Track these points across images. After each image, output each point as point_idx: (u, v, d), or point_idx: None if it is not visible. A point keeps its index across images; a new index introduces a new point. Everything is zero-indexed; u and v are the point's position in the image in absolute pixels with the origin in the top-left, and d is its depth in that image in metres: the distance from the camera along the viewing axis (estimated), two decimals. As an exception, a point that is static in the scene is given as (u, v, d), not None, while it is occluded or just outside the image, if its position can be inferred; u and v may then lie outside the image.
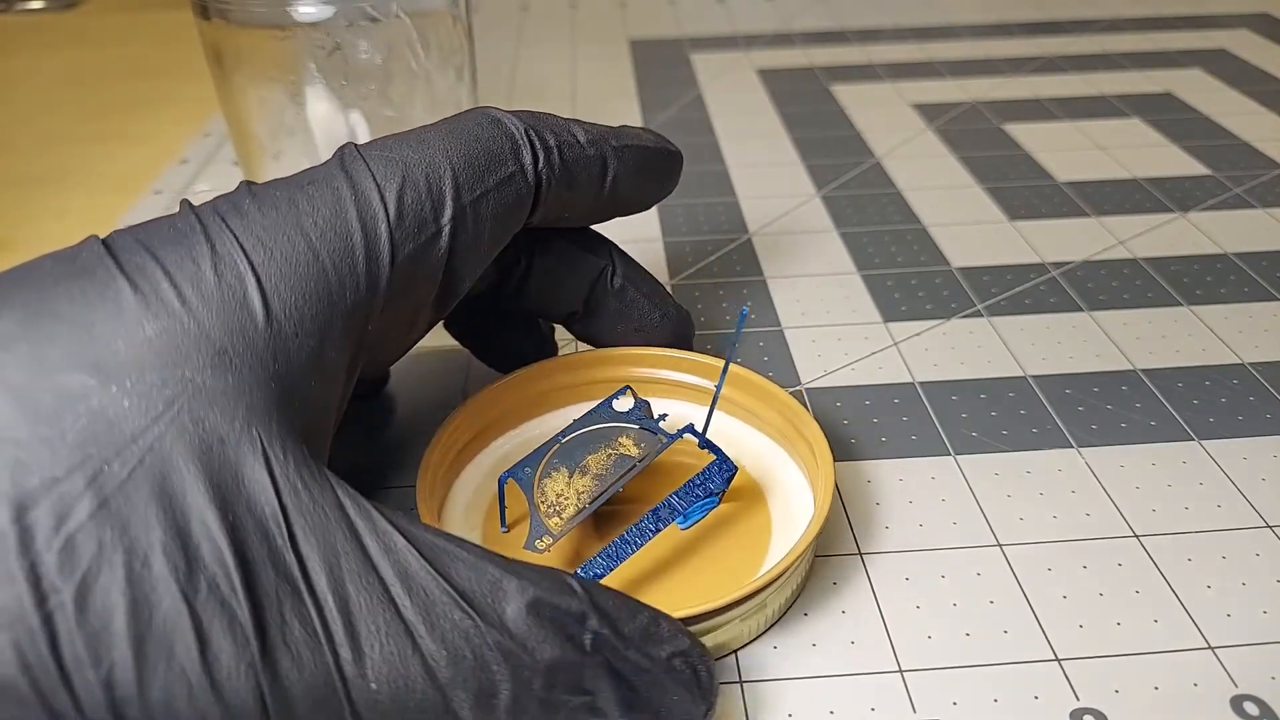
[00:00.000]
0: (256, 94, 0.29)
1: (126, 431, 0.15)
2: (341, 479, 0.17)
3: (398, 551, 0.16)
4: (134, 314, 0.16)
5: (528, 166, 0.21)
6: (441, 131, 0.21)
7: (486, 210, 0.20)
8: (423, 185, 0.19)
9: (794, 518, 0.23)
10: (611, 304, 0.25)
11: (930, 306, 0.32)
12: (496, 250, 0.21)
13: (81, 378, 0.15)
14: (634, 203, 0.25)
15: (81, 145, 0.46)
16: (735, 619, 0.20)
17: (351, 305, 0.18)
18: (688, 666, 0.18)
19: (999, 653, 0.21)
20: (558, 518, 0.21)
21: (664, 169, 0.25)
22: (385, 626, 0.15)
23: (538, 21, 0.61)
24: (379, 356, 0.21)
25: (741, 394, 0.25)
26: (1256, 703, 0.19)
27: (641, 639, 0.17)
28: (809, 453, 0.23)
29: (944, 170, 0.41)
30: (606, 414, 0.24)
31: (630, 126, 0.24)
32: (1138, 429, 0.27)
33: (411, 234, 0.19)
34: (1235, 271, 0.33)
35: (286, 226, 0.18)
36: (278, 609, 0.15)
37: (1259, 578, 0.22)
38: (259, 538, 0.15)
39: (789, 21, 0.60)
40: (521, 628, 0.16)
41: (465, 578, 0.16)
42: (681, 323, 0.27)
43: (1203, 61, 0.52)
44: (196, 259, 0.17)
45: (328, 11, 0.27)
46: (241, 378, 0.16)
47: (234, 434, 0.16)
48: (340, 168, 0.19)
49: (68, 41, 0.60)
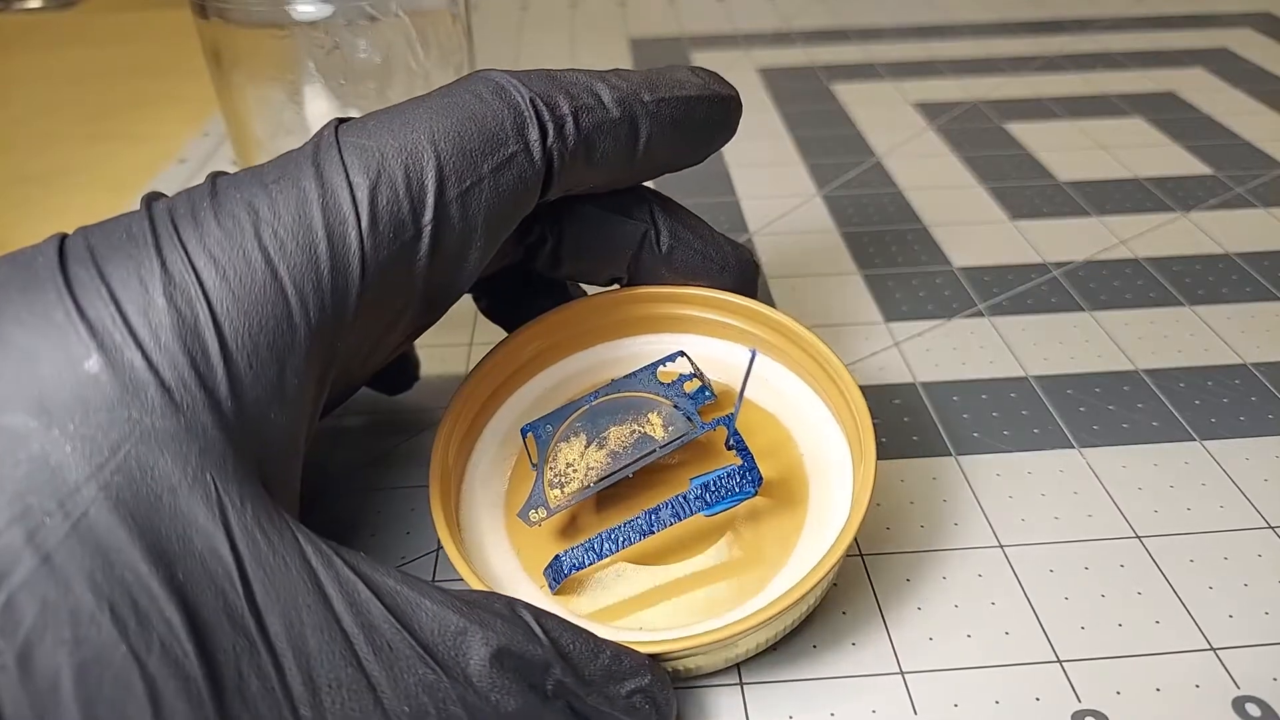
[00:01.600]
0: (255, 93, 0.29)
1: (70, 480, 0.14)
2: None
3: (361, 603, 0.15)
4: (80, 346, 0.15)
5: (534, 144, 0.19)
6: (431, 107, 0.18)
7: (479, 201, 0.18)
8: (400, 181, 0.17)
9: (830, 522, 0.21)
10: (660, 269, 0.23)
11: (931, 306, 0.32)
12: (498, 243, 0.19)
13: (24, 419, 0.14)
14: (676, 162, 0.22)
15: (80, 145, 0.46)
16: (720, 646, 0.19)
17: (316, 325, 0.17)
18: (648, 702, 0.18)
19: (1000, 654, 0.20)
20: (559, 490, 0.21)
21: (713, 119, 0.22)
22: (347, 682, 0.15)
23: (537, 20, 0.61)
24: (359, 368, 0.20)
25: (818, 370, 0.23)
26: (1258, 704, 0.19)
27: (603, 680, 0.17)
28: (860, 455, 0.21)
29: (945, 169, 0.41)
30: (648, 382, 0.22)
31: (676, 68, 0.22)
32: (1140, 429, 0.26)
33: (386, 240, 0.17)
34: (1237, 271, 0.33)
35: (243, 240, 0.16)
36: (234, 665, 0.14)
37: (1261, 578, 0.22)
38: (212, 593, 0.14)
39: (790, 20, 0.60)
40: (485, 681, 0.16)
41: (429, 629, 0.16)
42: (744, 268, 0.24)
43: (1205, 61, 0.52)
44: (145, 280, 0.15)
45: (326, 10, 0.27)
46: (194, 416, 0.15)
47: (185, 482, 0.15)
48: (312, 159, 0.17)
49: (66, 41, 0.60)
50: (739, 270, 0.24)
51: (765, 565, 0.21)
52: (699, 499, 0.20)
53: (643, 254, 0.23)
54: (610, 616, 0.20)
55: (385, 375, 0.26)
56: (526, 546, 0.21)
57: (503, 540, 0.22)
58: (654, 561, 0.21)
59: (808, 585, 0.18)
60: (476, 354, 0.30)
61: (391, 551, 0.23)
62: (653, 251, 0.23)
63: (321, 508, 0.25)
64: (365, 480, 0.25)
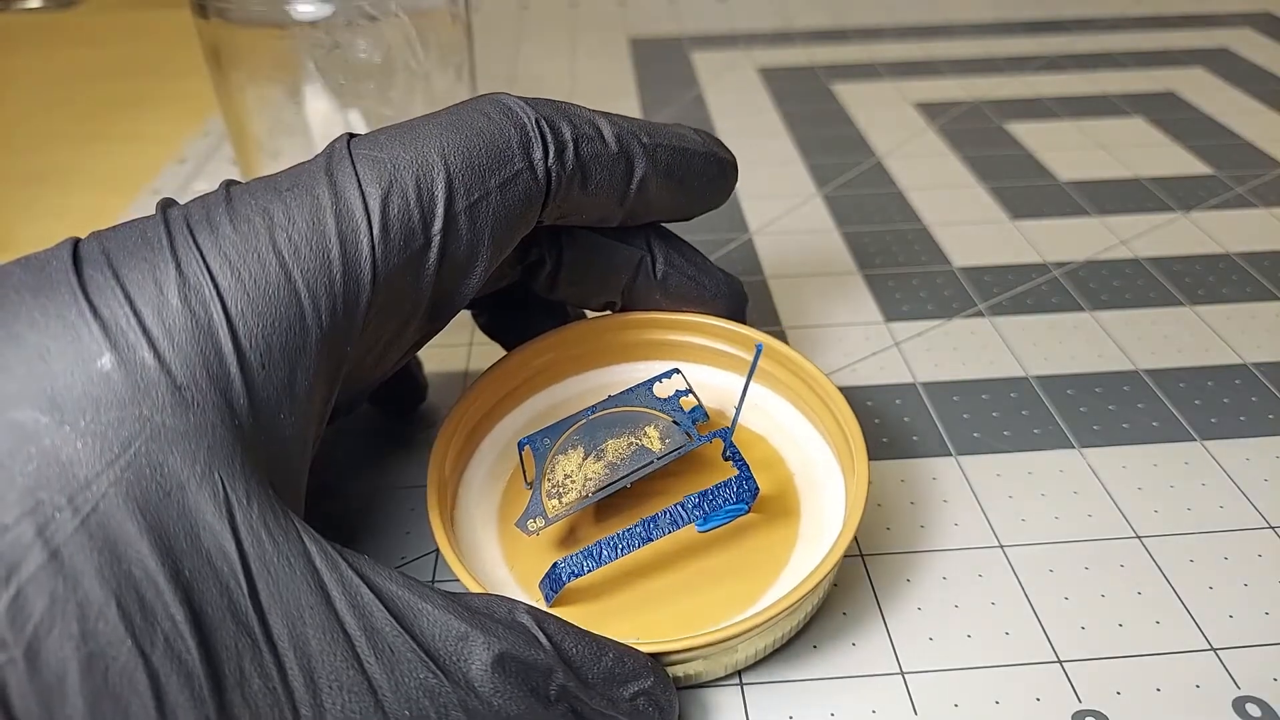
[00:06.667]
0: (255, 93, 0.29)
1: (80, 476, 0.14)
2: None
3: (364, 606, 0.15)
4: (94, 345, 0.15)
5: (537, 162, 0.19)
6: (442, 124, 0.19)
7: (486, 214, 0.19)
8: (412, 191, 0.18)
9: (823, 534, 0.21)
10: (654, 294, 0.24)
11: (932, 306, 0.32)
12: (501, 256, 0.20)
13: (35, 414, 0.14)
14: (669, 210, 0.23)
15: (80, 144, 0.46)
16: (722, 650, 0.19)
17: (327, 329, 0.17)
18: (651, 704, 0.18)
19: (1001, 654, 0.20)
20: (557, 500, 0.21)
21: (708, 175, 0.23)
22: (348, 684, 0.15)
23: (537, 20, 0.61)
24: (366, 375, 0.20)
25: (804, 389, 0.24)
26: (1259, 704, 0.19)
27: (606, 682, 0.17)
28: (851, 464, 0.21)
29: (946, 169, 0.41)
30: (645, 397, 0.23)
31: (681, 127, 0.22)
32: (1140, 429, 0.26)
33: (397, 248, 0.17)
34: (1237, 271, 0.33)
35: (258, 243, 0.16)
36: (236, 663, 0.14)
37: (1261, 579, 0.22)
38: (217, 591, 0.15)
39: (790, 20, 0.60)
40: (487, 686, 0.16)
41: (431, 633, 0.16)
42: (735, 297, 0.25)
43: (1205, 60, 0.52)
44: (160, 282, 0.16)
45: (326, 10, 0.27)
46: (204, 416, 0.15)
47: (194, 479, 0.15)
48: (325, 170, 0.18)
49: (66, 41, 0.60)
50: (730, 299, 0.24)
51: (761, 575, 0.21)
52: (697, 507, 0.20)
53: (638, 279, 0.23)
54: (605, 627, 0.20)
55: (394, 396, 0.26)
56: (521, 561, 0.21)
57: (496, 553, 0.22)
58: (649, 575, 0.21)
59: (808, 587, 0.18)
60: (476, 353, 0.30)
61: (391, 551, 0.23)
62: (648, 277, 0.23)
63: (321, 507, 0.24)
64: (365, 480, 0.25)
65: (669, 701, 0.18)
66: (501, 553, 0.22)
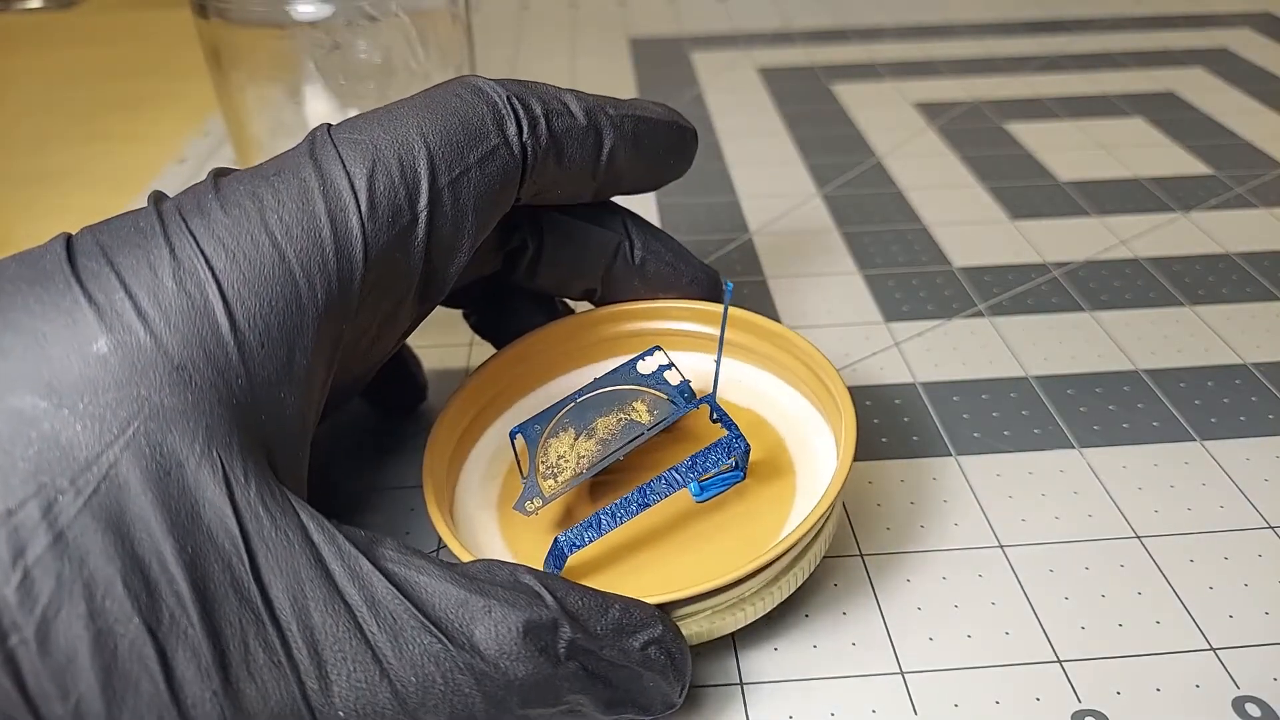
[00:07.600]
0: (255, 93, 0.29)
1: (80, 458, 0.14)
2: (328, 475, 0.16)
3: (363, 576, 0.16)
4: (89, 329, 0.15)
5: (512, 138, 0.20)
6: (417, 106, 0.19)
7: (468, 190, 0.19)
8: (395, 169, 0.18)
9: (820, 486, 0.22)
10: (632, 280, 0.24)
11: (932, 306, 0.32)
12: (485, 232, 0.20)
13: (33, 399, 0.14)
14: (638, 180, 0.23)
15: (80, 144, 0.46)
16: (727, 604, 0.19)
17: (323, 307, 0.17)
18: (662, 653, 0.18)
19: (1000, 654, 0.20)
20: (553, 480, 0.21)
21: (671, 144, 0.23)
22: (352, 653, 0.15)
23: (537, 20, 0.61)
24: (361, 359, 0.20)
25: (783, 354, 0.24)
26: (1258, 704, 0.19)
27: (614, 634, 0.17)
28: (838, 416, 0.22)
29: (945, 169, 0.41)
30: (629, 375, 0.23)
31: (640, 99, 0.23)
32: (1140, 429, 0.26)
33: (386, 224, 0.18)
34: (1237, 271, 0.33)
35: (250, 226, 0.17)
36: (241, 638, 0.15)
37: (1261, 579, 0.22)
38: (220, 566, 0.15)
39: (790, 20, 0.60)
40: (492, 648, 0.16)
41: (433, 600, 0.16)
42: (711, 285, 0.25)
43: (1205, 60, 0.52)
44: (155, 266, 0.16)
45: (326, 10, 0.27)
46: (202, 395, 0.15)
47: (193, 457, 0.15)
48: (309, 155, 0.18)
49: (66, 40, 0.60)
50: (707, 284, 0.25)
51: (764, 530, 0.21)
52: (690, 469, 0.20)
53: (616, 265, 0.24)
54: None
55: (394, 396, 0.27)
56: (523, 546, 0.22)
57: (498, 541, 0.22)
58: (651, 543, 0.21)
59: (805, 529, 0.19)
60: (476, 353, 0.30)
61: (391, 551, 0.23)
62: (626, 262, 0.24)
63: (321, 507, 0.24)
64: (364, 481, 0.25)
65: (680, 650, 0.18)
66: (503, 540, 0.22)
